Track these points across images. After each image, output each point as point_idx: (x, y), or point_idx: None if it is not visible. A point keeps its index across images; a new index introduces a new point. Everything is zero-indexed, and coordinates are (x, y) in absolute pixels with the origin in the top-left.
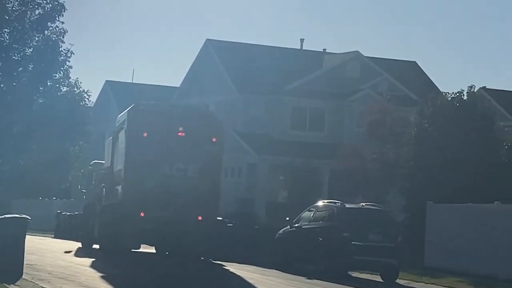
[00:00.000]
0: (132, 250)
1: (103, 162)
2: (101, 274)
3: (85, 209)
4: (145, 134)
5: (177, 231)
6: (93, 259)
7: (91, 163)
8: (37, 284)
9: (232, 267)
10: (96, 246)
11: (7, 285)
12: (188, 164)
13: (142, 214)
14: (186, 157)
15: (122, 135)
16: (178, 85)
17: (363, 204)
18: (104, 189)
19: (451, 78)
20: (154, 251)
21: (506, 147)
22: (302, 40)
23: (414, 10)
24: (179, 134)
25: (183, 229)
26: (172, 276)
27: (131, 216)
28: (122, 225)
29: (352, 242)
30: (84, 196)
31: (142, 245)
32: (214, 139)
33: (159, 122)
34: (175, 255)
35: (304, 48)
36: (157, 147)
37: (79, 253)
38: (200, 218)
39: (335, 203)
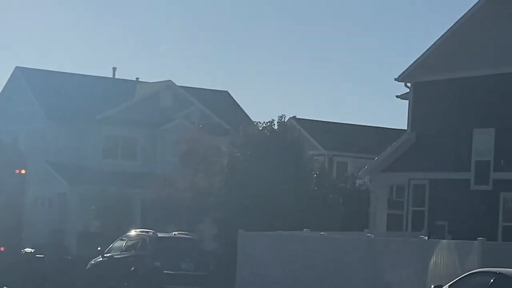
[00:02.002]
0: None
1: None
2: None
3: None
4: None
5: None
6: None
7: None
8: None
9: None
10: None
11: None
12: None
13: None
14: None
15: None
16: None
17: (175, 233)
18: None
19: (263, 108)
20: None
21: (315, 175)
22: (114, 69)
23: (226, 40)
24: None
25: None
26: None
27: None
28: None
29: (164, 271)
30: None
31: None
32: (17, 171)
33: None
34: None
35: (116, 76)
36: None
37: None
38: (2, 249)
39: (147, 232)
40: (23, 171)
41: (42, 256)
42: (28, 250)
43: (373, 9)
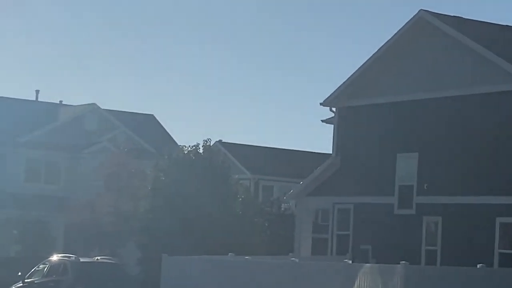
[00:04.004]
0: None
1: None
2: None
3: None
4: None
5: None
6: None
7: None
8: None
9: None
10: None
11: None
12: None
13: None
14: None
15: None
16: None
17: (98, 258)
18: None
19: (189, 132)
20: None
21: (240, 199)
22: (37, 92)
23: (150, 63)
24: None
25: None
26: None
27: None
28: None
29: None
30: None
31: None
32: None
33: None
34: None
35: (39, 99)
36: None
37: None
38: None
39: (69, 257)
40: None
41: None
42: None
43: (299, 32)
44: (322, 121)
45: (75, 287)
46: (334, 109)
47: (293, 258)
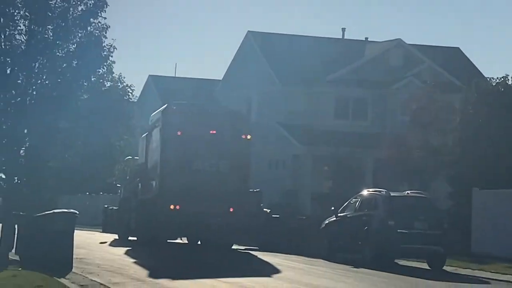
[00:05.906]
0: (168, 240)
1: (137, 158)
2: (147, 268)
3: (121, 203)
4: (179, 133)
5: (210, 222)
6: (136, 252)
7: (125, 159)
8: (86, 277)
9: (278, 258)
10: (132, 238)
11: (58, 279)
12: (219, 160)
13: (177, 207)
14: (217, 153)
15: (156, 133)
16: (221, 78)
17: (408, 192)
18: (139, 184)
19: (496, 63)
20: (186, 241)
21: None
22: (343, 30)
23: None
24: (211, 132)
25: (214, 221)
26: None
27: (166, 209)
28: (158, 218)
29: (398, 230)
30: (119, 191)
31: (175, 235)
32: (243, 136)
33: (191, 121)
34: (207, 245)
35: (345, 37)
36: (190, 144)
37: (116, 244)
38: (231, 210)
39: (380, 191)
40: (249, 137)
41: (277, 216)
42: (266, 210)
43: None
44: None
45: (387, 221)
46: None
47: None
